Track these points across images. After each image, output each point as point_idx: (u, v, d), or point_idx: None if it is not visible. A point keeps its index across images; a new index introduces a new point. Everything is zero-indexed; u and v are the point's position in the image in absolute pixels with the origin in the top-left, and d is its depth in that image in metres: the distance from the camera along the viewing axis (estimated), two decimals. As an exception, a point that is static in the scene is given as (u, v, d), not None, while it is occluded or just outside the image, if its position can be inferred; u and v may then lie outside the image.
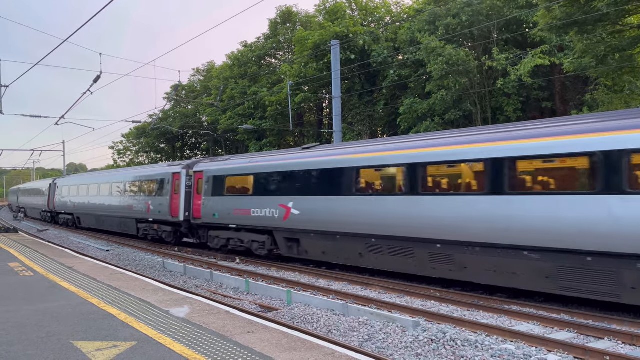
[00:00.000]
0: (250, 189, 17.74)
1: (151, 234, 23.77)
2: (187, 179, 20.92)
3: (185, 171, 21.17)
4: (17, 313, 7.96)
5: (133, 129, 58.50)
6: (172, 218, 21.40)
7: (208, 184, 19.70)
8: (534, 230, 9.85)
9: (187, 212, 20.79)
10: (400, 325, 8.86)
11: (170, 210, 21.44)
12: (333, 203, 14.35)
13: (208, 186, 19.65)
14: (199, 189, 20.33)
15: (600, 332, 8.61)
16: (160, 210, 22.19)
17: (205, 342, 6.27)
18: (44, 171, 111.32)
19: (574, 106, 25.34)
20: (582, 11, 16.21)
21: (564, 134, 9.81)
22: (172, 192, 21.55)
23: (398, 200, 12.51)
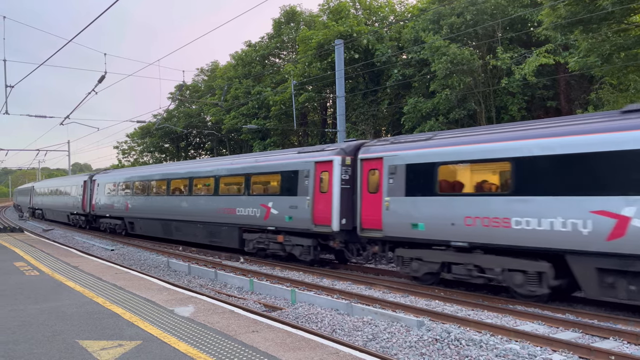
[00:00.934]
0: (504, 183, 11.08)
1: (272, 248, 17.31)
2: (342, 170, 14.87)
3: (340, 159, 14.87)
4: (23, 312, 8.01)
5: (137, 128, 58.70)
6: (315, 227, 15.27)
7: (397, 177, 12.98)
8: None
9: (344, 219, 14.68)
10: (405, 324, 8.86)
11: (313, 216, 15.33)
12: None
13: (398, 181, 12.93)
14: (371, 184, 13.90)
15: (605, 332, 8.58)
16: (293, 215, 15.93)
17: (210, 341, 6.28)
18: (49, 171, 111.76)
19: (579, 105, 25.26)
20: (587, 10, 16.14)
21: None
22: (315, 190, 15.49)
23: None
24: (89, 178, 32.98)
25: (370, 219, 13.69)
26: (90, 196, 32.19)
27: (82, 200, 33.29)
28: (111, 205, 29.02)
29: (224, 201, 19.17)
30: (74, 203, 35.09)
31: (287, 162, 16.62)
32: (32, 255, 16.00)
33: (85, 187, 33.08)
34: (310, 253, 15.78)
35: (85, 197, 32.73)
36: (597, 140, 9.42)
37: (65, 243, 24.52)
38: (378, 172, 13.60)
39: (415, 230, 12.40)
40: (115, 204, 28.54)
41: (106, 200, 29.78)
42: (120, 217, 28.10)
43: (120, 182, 28.48)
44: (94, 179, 32.26)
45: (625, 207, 8.88)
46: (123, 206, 27.52)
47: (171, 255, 20.41)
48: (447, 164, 12.04)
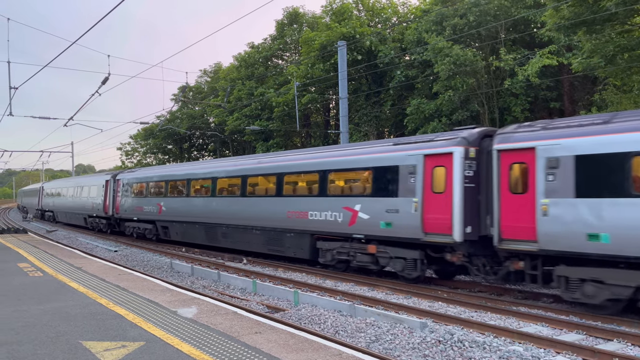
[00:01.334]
0: None
1: (359, 261, 14.02)
2: (465, 164, 11.78)
3: (462, 150, 11.82)
4: (26, 313, 8.03)
5: (141, 130, 58.80)
6: (426, 236, 12.27)
7: (561, 172, 10.09)
8: None
9: (468, 226, 11.67)
10: (408, 326, 8.85)
11: (423, 223, 12.32)
12: None
13: (563, 177, 10.05)
14: (515, 182, 10.92)
15: (609, 334, 8.55)
16: (393, 221, 12.84)
17: (213, 343, 6.29)
18: (52, 172, 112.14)
19: (583, 106, 25.19)
20: (591, 11, 16.11)
21: None
22: (425, 190, 12.38)
23: None
24: (112, 177, 29.63)
25: (515, 227, 10.70)
26: (113, 197, 28.90)
27: (103, 201, 29.94)
28: (140, 207, 25.74)
29: (291, 203, 16.10)
30: (94, 205, 31.55)
31: (382, 157, 13.46)
32: (35, 257, 16.04)
33: (107, 188, 29.78)
34: (417, 268, 12.65)
35: (108, 199, 29.37)
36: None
37: (68, 244, 24.58)
38: (527, 167, 10.63)
39: (593, 242, 9.47)
40: (145, 206, 25.25)
41: (134, 202, 26.52)
42: (151, 221, 24.79)
43: (151, 182, 25.26)
44: (118, 178, 28.91)
45: None
46: (155, 209, 24.24)
47: (174, 256, 20.44)
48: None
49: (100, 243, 26.02)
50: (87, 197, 32.87)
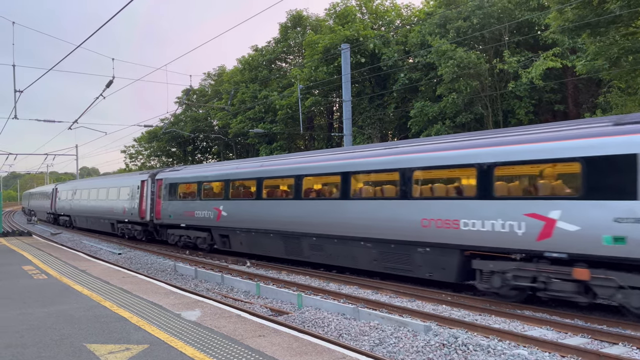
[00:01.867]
0: None
1: (556, 290, 10.13)
2: None
3: None
4: (31, 316, 8.05)
5: (145, 133, 59.02)
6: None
7: None
8: None
9: None
10: (412, 329, 8.82)
11: None
12: None
13: None
14: None
15: (614, 337, 8.50)
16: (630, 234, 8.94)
17: (217, 346, 6.29)
18: (57, 175, 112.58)
19: (587, 109, 25.14)
20: (595, 13, 16.09)
21: None
22: None
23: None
24: (149, 177, 25.39)
25: None
26: (152, 200, 24.81)
27: (138, 205, 25.81)
28: (190, 212, 21.51)
29: (428, 208, 12.10)
30: (126, 209, 27.22)
31: (594, 143, 9.53)
32: (40, 259, 16.09)
33: (143, 189, 25.63)
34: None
35: (144, 202, 25.29)
36: None
37: (73, 247, 24.66)
38: None
39: None
40: (197, 211, 21.03)
41: (181, 206, 22.32)
42: (206, 228, 20.72)
43: (205, 182, 21.17)
44: (158, 178, 24.66)
45: None
46: (211, 214, 20.15)
47: (178, 259, 20.46)
48: None
49: (104, 246, 26.08)
50: (117, 200, 28.37)
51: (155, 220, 24.31)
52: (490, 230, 10.79)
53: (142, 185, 25.67)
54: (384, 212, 13.19)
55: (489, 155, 11.07)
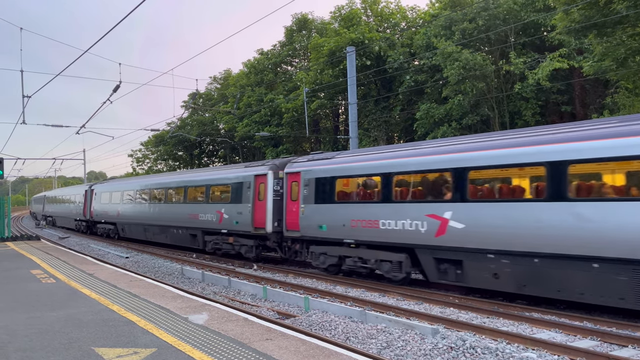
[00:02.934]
0: None
1: None
2: None
3: None
4: (39, 319, 8.10)
5: (151, 137, 59.32)
6: None
7: None
8: None
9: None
10: (419, 332, 8.79)
11: None
12: None
13: None
14: None
15: (624, 340, 8.43)
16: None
17: (224, 349, 6.30)
18: (65, 179, 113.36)
19: (594, 110, 24.99)
20: (601, 14, 16.02)
21: None
22: None
23: None
24: (271, 170, 17.74)
25: None
26: (276, 203, 17.65)
27: (252, 210, 18.28)
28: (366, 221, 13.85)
29: None
30: (224, 216, 19.72)
31: None
32: (48, 263, 16.19)
33: (258, 187, 18.22)
34: None
35: (266, 205, 17.53)
36: None
37: (80, 251, 24.78)
38: None
39: None
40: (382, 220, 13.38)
41: (345, 213, 14.58)
42: (406, 247, 12.76)
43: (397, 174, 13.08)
44: (290, 171, 16.97)
45: None
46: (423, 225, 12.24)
47: (185, 262, 20.52)
48: None
49: (112, 250, 26.20)
50: (207, 204, 20.93)
51: (287, 232, 17.19)
52: None
53: (257, 181, 18.45)
54: None
55: None
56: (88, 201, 35.63)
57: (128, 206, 28.96)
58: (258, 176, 18.28)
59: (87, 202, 35.87)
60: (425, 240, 12.28)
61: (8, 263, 16.28)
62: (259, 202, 18.03)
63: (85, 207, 36.25)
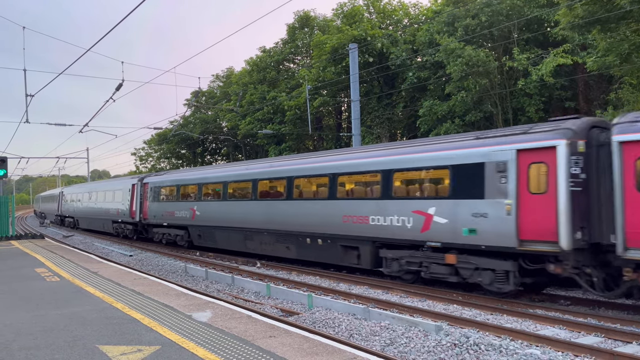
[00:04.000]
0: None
1: None
2: None
3: None
4: (44, 317, 8.13)
5: (154, 135, 59.40)
6: None
7: None
8: None
9: None
10: (422, 329, 8.79)
11: None
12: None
13: None
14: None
15: (628, 336, 8.41)
16: None
17: (228, 347, 6.31)
18: (68, 178, 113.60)
19: (598, 105, 24.88)
20: (605, 9, 15.92)
21: None
22: None
23: None
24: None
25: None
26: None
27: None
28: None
29: None
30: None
31: None
32: (52, 262, 16.24)
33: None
34: None
35: (552, 206, 10.29)
36: None
37: (84, 249, 24.85)
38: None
39: None
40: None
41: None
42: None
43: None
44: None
45: None
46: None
47: (188, 260, 20.56)
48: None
49: (116, 248, 26.28)
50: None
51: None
52: None
53: (523, 160, 13.87)
54: None
55: None
56: (137, 198, 28.05)
57: (212, 204, 21.56)
58: (527, 151, 10.88)
59: (134, 200, 28.34)
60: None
61: (12, 261, 16.35)
62: (533, 196, 10.67)
63: (132, 206, 28.67)
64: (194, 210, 22.12)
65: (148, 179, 26.95)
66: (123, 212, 28.76)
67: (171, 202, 24.35)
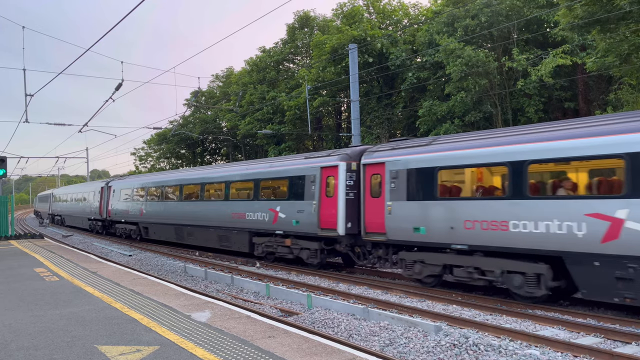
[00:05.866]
0: None
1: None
2: None
3: None
4: (43, 317, 8.12)
5: (154, 135, 59.39)
6: None
7: None
8: None
9: None
10: (422, 329, 8.78)
11: None
12: None
13: None
14: None
15: (627, 337, 8.41)
16: None
17: (227, 347, 6.30)
18: (68, 178, 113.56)
19: (598, 106, 24.91)
20: (604, 10, 15.93)
21: None
22: None
23: None
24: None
25: None
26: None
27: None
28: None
29: None
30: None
31: None
32: (51, 261, 16.23)
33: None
34: None
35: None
36: None
37: (84, 249, 24.84)
38: None
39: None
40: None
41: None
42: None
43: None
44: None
45: None
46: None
47: (188, 260, 20.55)
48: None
49: (115, 247, 26.26)
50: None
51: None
52: None
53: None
54: None
55: None
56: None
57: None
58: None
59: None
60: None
61: (11, 261, 16.33)
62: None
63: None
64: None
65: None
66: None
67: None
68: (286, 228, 16.61)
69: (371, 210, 14.07)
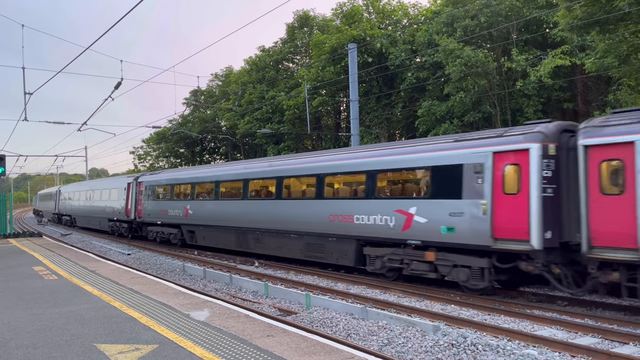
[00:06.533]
0: None
1: None
2: None
3: None
4: (42, 316, 8.12)
5: (153, 134, 59.34)
6: None
7: None
8: None
9: None
10: (420, 329, 8.80)
11: None
12: None
13: None
14: None
15: (625, 337, 8.44)
16: None
17: (225, 346, 6.31)
18: (67, 176, 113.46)
19: (597, 107, 24.93)
20: (604, 10, 15.94)
21: None
22: None
23: None
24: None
25: None
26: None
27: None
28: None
29: None
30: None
31: None
32: (50, 260, 16.23)
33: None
34: None
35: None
36: None
37: (82, 247, 24.83)
38: None
39: None
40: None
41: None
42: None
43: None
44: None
45: None
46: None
47: (187, 259, 20.55)
48: None
49: (114, 246, 26.25)
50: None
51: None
52: None
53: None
54: None
55: None
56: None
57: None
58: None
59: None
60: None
61: (10, 260, 16.33)
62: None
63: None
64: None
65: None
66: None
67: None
68: (428, 237, 12.15)
69: (604, 214, 9.58)
